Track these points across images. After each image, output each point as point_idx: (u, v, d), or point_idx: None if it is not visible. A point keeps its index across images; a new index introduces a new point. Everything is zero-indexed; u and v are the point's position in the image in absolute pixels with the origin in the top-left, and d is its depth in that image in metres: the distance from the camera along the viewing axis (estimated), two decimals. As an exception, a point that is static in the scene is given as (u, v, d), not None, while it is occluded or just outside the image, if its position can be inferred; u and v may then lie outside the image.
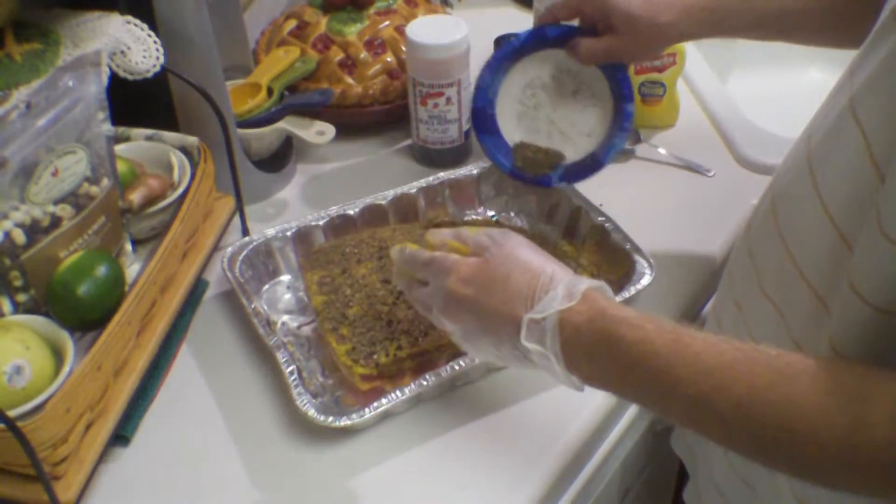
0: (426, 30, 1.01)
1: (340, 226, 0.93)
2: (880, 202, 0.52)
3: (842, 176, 0.58)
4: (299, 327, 0.86)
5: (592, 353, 0.61)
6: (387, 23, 1.12)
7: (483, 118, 0.92)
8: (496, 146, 0.93)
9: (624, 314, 0.61)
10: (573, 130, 0.93)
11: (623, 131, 0.91)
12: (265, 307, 0.88)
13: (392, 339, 0.79)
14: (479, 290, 0.66)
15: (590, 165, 0.92)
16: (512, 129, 0.94)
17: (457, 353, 0.78)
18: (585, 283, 0.64)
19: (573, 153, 0.93)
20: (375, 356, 0.78)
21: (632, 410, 0.87)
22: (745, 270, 0.71)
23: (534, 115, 0.93)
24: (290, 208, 1.02)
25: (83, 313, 0.76)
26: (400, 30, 1.11)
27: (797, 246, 0.63)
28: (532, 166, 0.93)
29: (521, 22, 1.12)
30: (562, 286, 0.64)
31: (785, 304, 0.65)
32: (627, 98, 0.90)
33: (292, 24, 1.15)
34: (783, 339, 0.65)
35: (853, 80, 0.58)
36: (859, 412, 0.50)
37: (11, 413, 0.65)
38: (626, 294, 0.84)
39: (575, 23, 0.90)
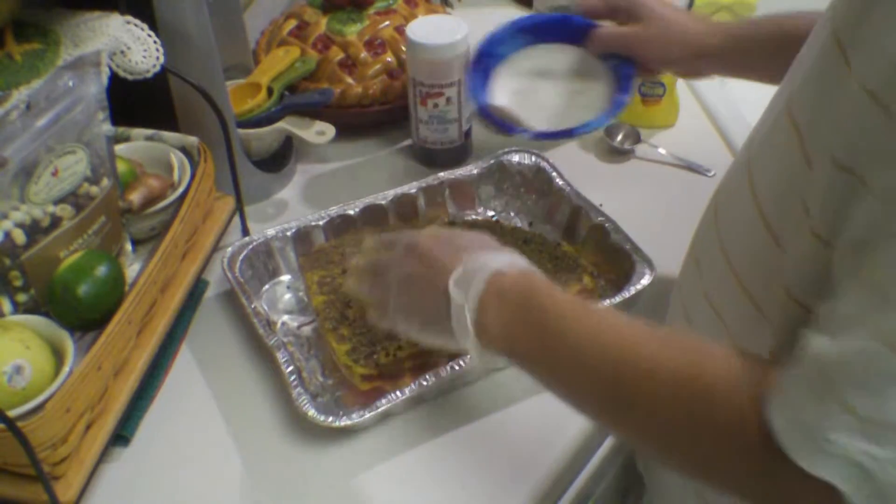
0: (426, 30, 1.01)
1: (340, 226, 0.93)
2: (807, 193, 0.52)
3: (776, 174, 0.58)
4: (299, 327, 0.86)
5: (504, 312, 0.63)
6: (387, 23, 1.12)
7: (483, 61, 0.94)
8: (480, 86, 0.94)
9: (551, 291, 0.63)
10: (557, 121, 0.93)
11: (606, 116, 0.91)
12: (265, 307, 0.88)
13: (392, 339, 0.79)
14: (435, 243, 0.69)
15: (560, 132, 0.92)
16: (501, 93, 0.94)
17: (457, 354, 0.78)
18: (530, 265, 0.66)
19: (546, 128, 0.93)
20: (375, 356, 0.78)
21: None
22: (692, 277, 0.71)
23: (527, 95, 0.93)
24: (290, 208, 1.02)
25: (83, 313, 0.76)
26: (400, 30, 1.11)
27: (734, 250, 0.64)
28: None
29: (521, 22, 1.12)
30: (509, 254, 0.67)
31: (724, 310, 0.65)
32: (624, 90, 0.90)
33: (292, 24, 1.15)
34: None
35: (791, 81, 0.58)
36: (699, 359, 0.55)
37: (11, 413, 0.65)
38: (626, 294, 0.84)
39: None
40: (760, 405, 0.51)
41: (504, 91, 0.94)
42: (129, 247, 0.87)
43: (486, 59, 0.95)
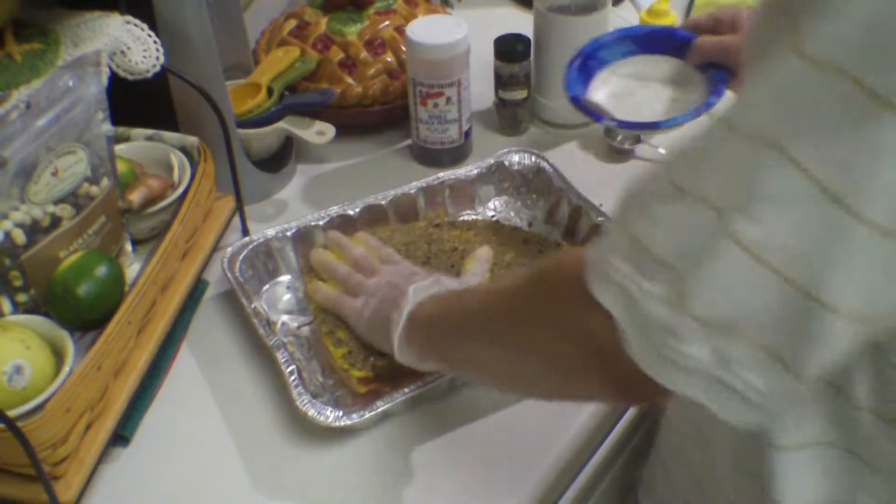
0: (426, 30, 1.01)
1: (340, 226, 0.93)
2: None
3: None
4: (299, 327, 0.86)
5: (428, 311, 0.70)
6: (387, 23, 1.12)
7: (584, 62, 0.96)
8: (576, 79, 0.95)
9: (452, 295, 0.71)
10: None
11: (694, 113, 0.91)
12: (265, 307, 0.88)
13: (391, 341, 0.79)
14: (392, 274, 0.81)
15: (646, 124, 0.93)
16: (597, 93, 0.95)
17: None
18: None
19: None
20: (372, 359, 0.78)
21: (632, 411, 0.87)
22: None
23: (624, 98, 0.94)
24: (290, 208, 1.02)
25: (83, 313, 0.76)
26: (400, 30, 1.11)
27: None
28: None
29: (522, 22, 1.13)
30: (449, 280, 0.76)
31: None
32: (716, 93, 0.90)
33: (292, 24, 1.15)
34: None
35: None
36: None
37: (11, 413, 0.65)
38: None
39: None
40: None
41: (601, 91, 0.96)
42: (129, 247, 0.87)
43: (588, 60, 0.96)
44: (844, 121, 0.41)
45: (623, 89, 0.96)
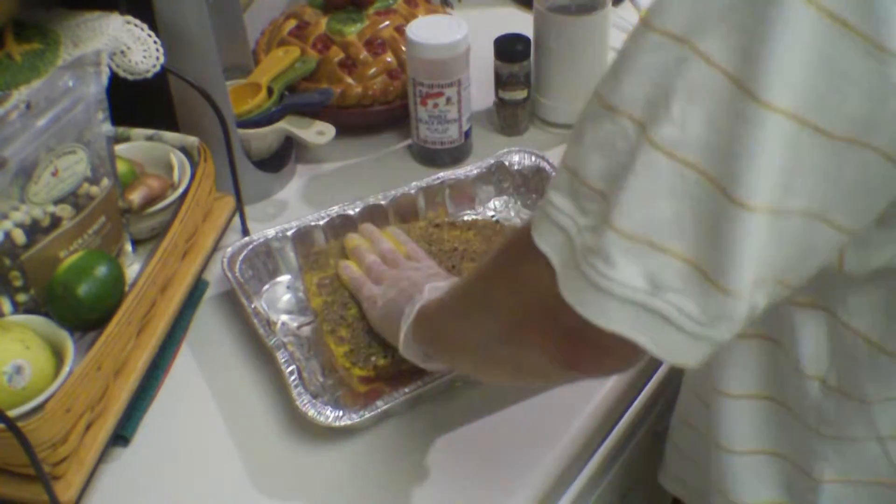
0: (426, 30, 1.01)
1: (340, 226, 0.93)
2: None
3: None
4: (299, 327, 0.86)
5: (432, 305, 0.70)
6: (387, 23, 1.12)
7: None
8: None
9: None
10: None
11: None
12: (265, 307, 0.88)
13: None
14: (413, 271, 0.81)
15: None
16: None
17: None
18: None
19: None
20: (374, 358, 0.78)
21: (632, 411, 0.87)
22: None
23: None
24: (290, 208, 1.02)
25: (83, 313, 0.76)
26: (400, 30, 1.11)
27: None
28: None
29: (522, 22, 1.13)
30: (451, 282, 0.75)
31: None
32: None
33: (292, 24, 1.15)
34: None
35: None
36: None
37: (11, 413, 0.65)
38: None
39: None
40: None
41: None
42: (129, 247, 0.87)
43: None
44: (745, 6, 0.41)
45: None
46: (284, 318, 0.87)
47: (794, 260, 0.45)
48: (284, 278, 0.91)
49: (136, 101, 0.88)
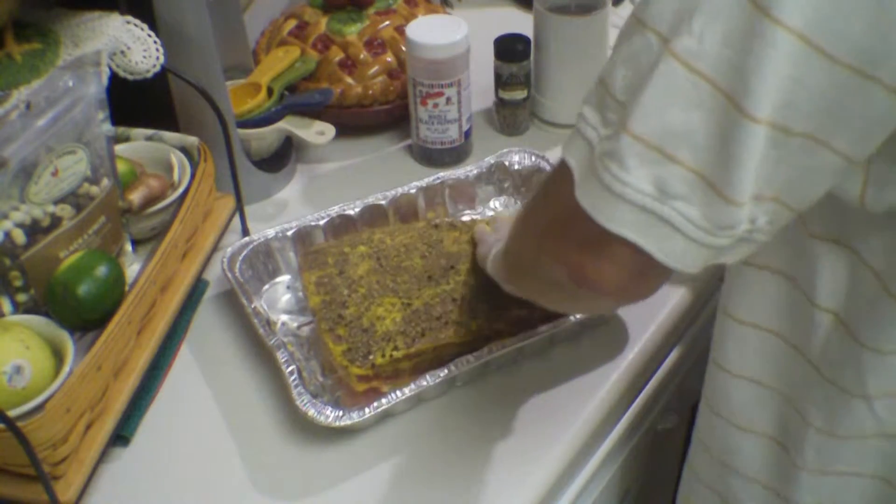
0: (426, 30, 1.01)
1: (340, 226, 0.93)
2: None
3: None
4: (299, 327, 0.86)
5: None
6: (387, 23, 1.12)
7: None
8: None
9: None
10: None
11: None
12: (265, 307, 0.88)
13: (388, 340, 0.79)
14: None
15: None
16: None
17: (455, 354, 0.78)
18: None
19: None
20: (371, 357, 0.78)
21: (632, 411, 0.87)
22: None
23: None
24: (290, 208, 1.02)
25: (83, 313, 0.76)
26: (400, 30, 1.11)
27: None
28: None
29: (522, 22, 1.13)
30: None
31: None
32: None
33: (292, 24, 1.15)
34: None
35: None
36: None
37: (11, 413, 0.65)
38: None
39: None
40: None
41: None
42: (129, 247, 0.87)
43: None
44: None
45: None
46: (284, 318, 0.87)
47: (794, 181, 0.47)
48: (284, 278, 0.91)
49: (136, 101, 0.88)
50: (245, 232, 0.96)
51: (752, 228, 0.47)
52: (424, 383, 0.76)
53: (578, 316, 0.82)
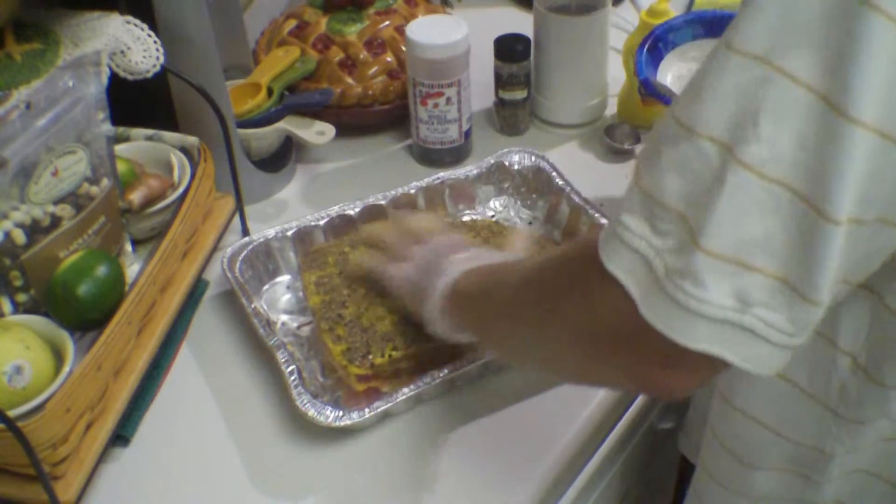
0: (426, 30, 1.01)
1: (340, 226, 0.93)
2: None
3: None
4: (299, 327, 0.86)
5: (469, 285, 0.70)
6: (387, 23, 1.12)
7: (654, 45, 0.98)
8: (646, 62, 0.97)
9: (493, 268, 0.70)
10: None
11: None
12: (265, 307, 0.88)
13: (388, 340, 0.79)
14: (437, 244, 0.78)
15: None
16: (663, 75, 0.98)
17: (455, 354, 0.78)
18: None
19: None
20: (371, 356, 0.78)
21: (632, 410, 0.87)
22: None
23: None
24: (290, 208, 1.02)
25: (83, 313, 0.76)
26: (400, 30, 1.11)
27: None
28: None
29: (522, 22, 1.13)
30: (489, 254, 0.75)
31: None
32: None
33: (292, 24, 1.15)
34: None
35: None
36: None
37: (11, 413, 0.65)
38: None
39: None
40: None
41: (667, 73, 0.96)
42: (129, 247, 0.87)
43: (658, 42, 0.98)
44: (828, 24, 0.42)
45: (688, 73, 0.96)
46: (284, 318, 0.87)
47: (863, 262, 0.47)
48: (284, 278, 0.91)
49: (136, 101, 0.88)
50: (245, 232, 0.96)
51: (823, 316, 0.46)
52: (424, 383, 0.76)
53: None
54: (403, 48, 1.08)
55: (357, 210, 0.94)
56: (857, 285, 0.57)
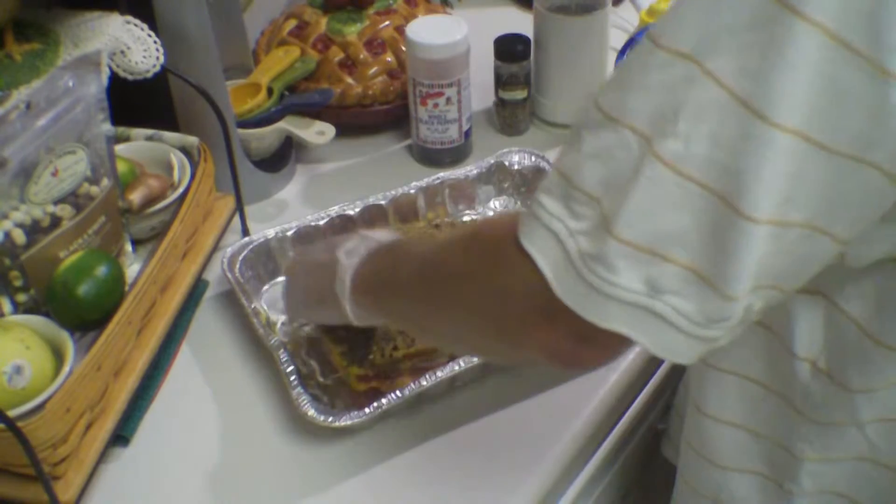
0: (426, 30, 1.01)
1: (340, 226, 0.93)
2: None
3: None
4: (299, 327, 0.86)
5: (369, 272, 0.68)
6: (387, 23, 1.12)
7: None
8: None
9: (402, 244, 0.70)
10: None
11: None
12: (265, 307, 0.88)
13: (388, 340, 0.79)
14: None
15: None
16: None
17: (455, 355, 0.78)
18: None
19: None
20: (371, 357, 0.78)
21: (632, 410, 0.87)
22: None
23: None
24: (290, 208, 1.02)
25: (83, 313, 0.76)
26: (400, 30, 1.11)
27: None
28: None
29: (522, 22, 1.13)
30: (374, 234, 0.72)
31: None
32: None
33: (292, 24, 1.15)
34: None
35: None
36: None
37: (11, 413, 0.65)
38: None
39: None
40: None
41: None
42: (129, 247, 0.87)
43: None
44: (753, 28, 0.42)
45: None
46: (284, 318, 0.87)
47: (791, 268, 0.47)
48: (284, 278, 0.91)
49: (136, 101, 0.88)
50: (245, 232, 0.96)
51: (746, 316, 0.47)
52: (424, 383, 0.76)
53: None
54: (403, 48, 1.08)
55: (357, 210, 0.94)
56: (806, 292, 0.57)
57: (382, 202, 0.95)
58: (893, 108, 0.41)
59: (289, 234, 0.91)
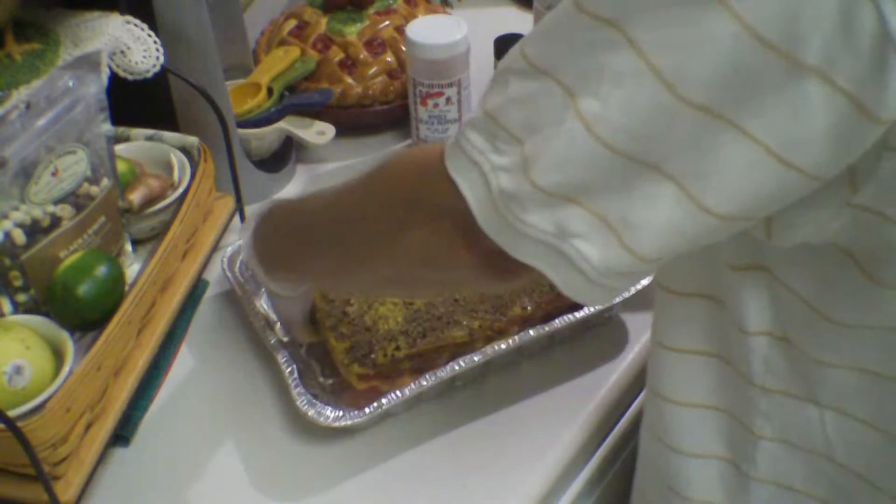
0: (426, 30, 1.01)
1: (340, 226, 0.93)
2: None
3: None
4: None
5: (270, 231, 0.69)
6: (387, 23, 1.12)
7: None
8: None
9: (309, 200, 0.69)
10: None
11: None
12: (265, 307, 0.87)
13: (390, 340, 0.79)
14: None
15: None
16: None
17: (456, 354, 0.78)
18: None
19: None
20: (373, 356, 0.78)
21: (632, 410, 0.87)
22: None
23: None
24: (290, 208, 1.02)
25: (83, 313, 0.76)
26: (400, 30, 1.11)
27: None
28: None
29: (522, 22, 1.13)
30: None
31: None
32: None
33: (292, 24, 1.15)
34: None
35: None
36: None
37: (11, 413, 0.65)
38: (626, 294, 0.84)
39: None
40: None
41: None
42: (129, 247, 0.87)
43: None
44: (678, 4, 0.43)
45: None
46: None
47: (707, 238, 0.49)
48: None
49: (136, 101, 0.88)
50: (245, 232, 0.96)
51: (650, 269, 0.49)
52: (424, 383, 0.76)
53: (579, 315, 0.82)
54: (403, 48, 1.08)
55: (357, 210, 0.93)
56: (749, 267, 0.59)
57: (382, 202, 0.95)
58: (806, 101, 0.42)
59: (289, 234, 0.91)
